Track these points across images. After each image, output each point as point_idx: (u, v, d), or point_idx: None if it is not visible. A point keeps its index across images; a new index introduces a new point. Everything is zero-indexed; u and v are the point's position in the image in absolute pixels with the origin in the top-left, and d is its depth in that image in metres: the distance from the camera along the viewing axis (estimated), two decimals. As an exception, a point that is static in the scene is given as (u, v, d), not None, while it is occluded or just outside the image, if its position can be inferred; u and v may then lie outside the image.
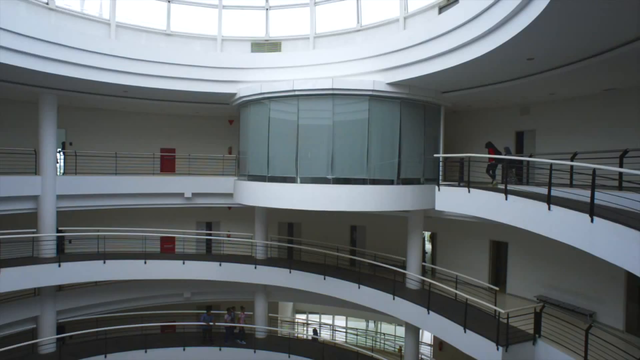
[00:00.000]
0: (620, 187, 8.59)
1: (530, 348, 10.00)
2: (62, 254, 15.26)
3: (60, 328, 15.67)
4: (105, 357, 14.66)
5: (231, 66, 14.28)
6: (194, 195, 16.55)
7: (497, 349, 9.65)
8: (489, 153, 12.40)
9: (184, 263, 15.94)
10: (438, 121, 13.84)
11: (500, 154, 12.33)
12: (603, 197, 7.30)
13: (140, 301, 17.22)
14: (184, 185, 16.44)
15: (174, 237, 18.09)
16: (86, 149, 16.42)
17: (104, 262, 14.80)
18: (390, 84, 12.37)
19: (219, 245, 18.20)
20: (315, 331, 18.66)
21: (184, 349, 15.71)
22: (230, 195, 15.83)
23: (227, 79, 14.27)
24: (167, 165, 18.17)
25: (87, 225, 16.25)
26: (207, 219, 19.40)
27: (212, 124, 18.90)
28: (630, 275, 10.48)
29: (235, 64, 14.33)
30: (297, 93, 12.85)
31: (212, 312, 16.41)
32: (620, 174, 8.51)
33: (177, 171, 18.06)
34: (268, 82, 13.68)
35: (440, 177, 11.90)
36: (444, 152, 13.84)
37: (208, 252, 18.45)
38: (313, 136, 13.00)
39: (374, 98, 12.55)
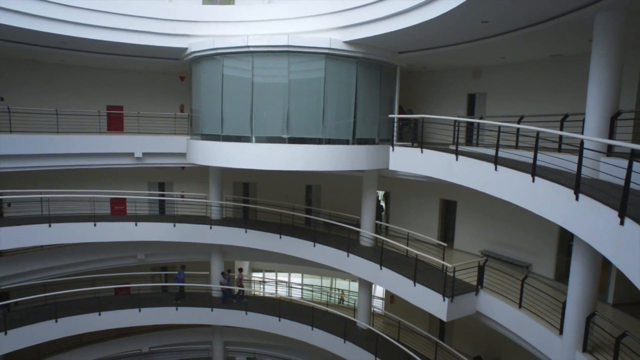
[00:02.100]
0: (559, 149, 9.13)
1: (473, 298, 10.79)
2: (1, 218, 14.41)
3: (4, 295, 15.06)
4: (57, 321, 14.35)
5: (181, 19, 13.43)
6: (145, 155, 15.89)
7: (444, 300, 10.33)
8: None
9: (136, 224, 15.56)
10: (394, 82, 13.91)
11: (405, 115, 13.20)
12: (545, 159, 7.75)
13: (91, 264, 16.76)
14: (134, 145, 15.68)
15: (124, 199, 17.51)
16: (21, 105, 15.19)
17: (50, 226, 14.17)
18: (347, 43, 12.18)
19: (173, 206, 17.85)
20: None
21: (139, 310, 15.64)
22: (183, 155, 15.38)
23: (177, 33, 13.44)
24: (115, 124, 17.23)
25: (30, 187, 15.32)
26: (160, 180, 18.84)
27: (162, 80, 17.94)
28: (562, 230, 11.39)
29: (186, 16, 13.47)
30: (251, 49, 12.40)
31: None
32: (560, 136, 9.02)
33: (125, 130, 17.18)
34: (221, 37, 13.06)
35: (395, 138, 12.12)
36: (399, 113, 14.04)
37: (161, 213, 18.06)
38: (268, 95, 12.71)
39: (330, 57, 12.35)
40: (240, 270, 17.58)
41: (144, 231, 15.73)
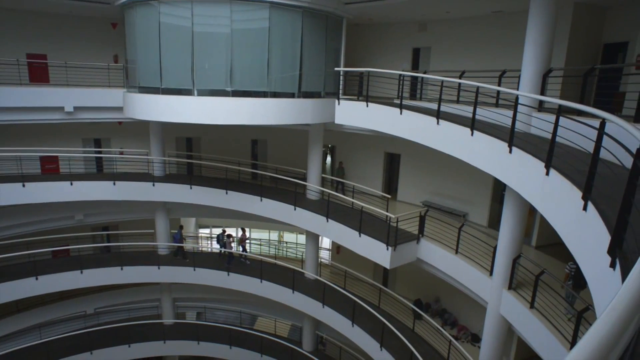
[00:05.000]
0: (497, 104, 9.56)
1: (414, 246, 11.44)
2: None
3: None
4: (-12, 287, 13.58)
5: (108, -44, 12.16)
6: (77, 109, 14.69)
7: (387, 249, 10.87)
8: None
9: (71, 184, 14.69)
10: (340, 34, 13.65)
11: None
12: (484, 113, 8.10)
13: (23, 227, 15.69)
14: (63, 98, 14.36)
15: (56, 157, 16.31)
16: None
17: (-30, 187, 13.02)
18: (292, -9, 11.69)
19: (111, 164, 16.93)
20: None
21: (81, 272, 15.11)
22: (120, 109, 14.43)
23: (104, -28, 12.19)
24: (38, 75, 15.64)
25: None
26: (95, 136, 17.67)
27: (91, 26, 16.23)
28: (496, 181, 12.17)
29: (113, -46, 12.21)
30: (190, -5, 11.55)
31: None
32: (498, 92, 9.42)
33: (51, 82, 15.68)
34: (155, -21, 12.01)
35: (341, 91, 12.07)
36: (345, 66, 13.92)
37: (99, 171, 17.12)
38: (210, 45, 12.06)
39: (274, 5, 11.81)
40: (243, 230, 17.36)
41: (81, 190, 14.92)
